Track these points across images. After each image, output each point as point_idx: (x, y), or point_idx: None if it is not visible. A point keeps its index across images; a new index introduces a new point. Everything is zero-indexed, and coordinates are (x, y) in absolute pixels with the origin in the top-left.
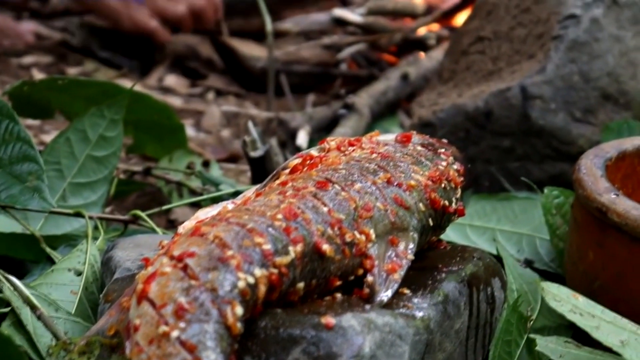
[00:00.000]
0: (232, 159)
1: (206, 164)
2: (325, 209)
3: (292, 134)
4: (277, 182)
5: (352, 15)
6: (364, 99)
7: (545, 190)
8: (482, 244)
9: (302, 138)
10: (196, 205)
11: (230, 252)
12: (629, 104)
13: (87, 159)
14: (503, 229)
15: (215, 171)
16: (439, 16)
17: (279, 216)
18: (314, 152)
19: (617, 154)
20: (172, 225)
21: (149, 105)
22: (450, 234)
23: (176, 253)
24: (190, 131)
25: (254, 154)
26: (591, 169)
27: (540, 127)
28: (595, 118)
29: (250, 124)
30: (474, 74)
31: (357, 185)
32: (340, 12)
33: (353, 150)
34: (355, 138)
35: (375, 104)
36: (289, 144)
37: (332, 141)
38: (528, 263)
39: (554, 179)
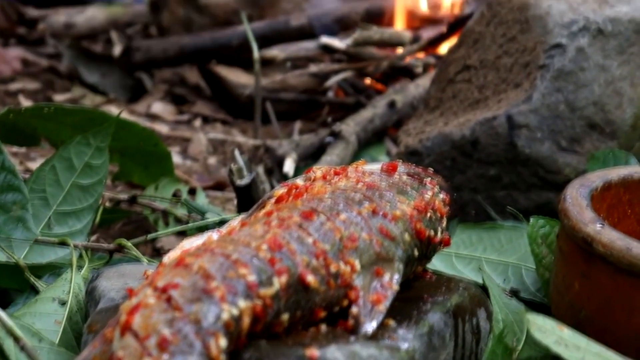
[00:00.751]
0: (219, 186)
1: (192, 191)
2: (310, 240)
3: (279, 162)
4: (263, 211)
5: (339, 42)
6: (350, 127)
7: (531, 220)
8: (468, 273)
9: (288, 166)
10: (182, 234)
11: (214, 284)
12: (615, 133)
13: (72, 187)
14: (489, 258)
15: (201, 199)
16: (425, 44)
17: (264, 247)
18: (299, 181)
19: (602, 183)
20: (157, 253)
21: (135, 132)
22: (437, 263)
23: (160, 284)
24: (176, 158)
25: (240, 182)
26: (577, 199)
27: (527, 155)
28: (581, 147)
29: (236, 153)
30: (461, 102)
31: (343, 216)
32: (327, 39)
33: (339, 179)
34: (340, 167)
35: (362, 132)
36: (275, 171)
37: (317, 170)
38: (514, 292)
39: (540, 208)
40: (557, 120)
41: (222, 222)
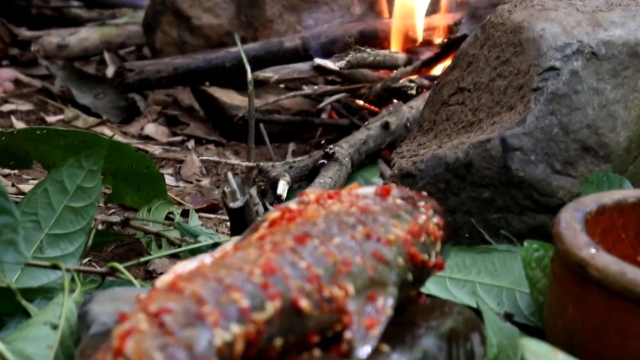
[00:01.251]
0: (212, 208)
1: (185, 213)
2: (303, 264)
3: (273, 183)
4: (256, 235)
5: (332, 64)
6: (344, 149)
7: (525, 244)
8: (462, 296)
9: (282, 188)
10: (175, 257)
11: (207, 308)
12: (609, 156)
13: (64, 210)
14: (483, 282)
15: (194, 221)
16: (419, 66)
17: (257, 271)
18: (292, 205)
19: (596, 208)
20: (150, 275)
21: (128, 154)
22: (430, 287)
23: (153, 309)
24: (169, 180)
25: (233, 205)
26: (570, 223)
27: (520, 178)
28: (575, 170)
29: (229, 175)
30: (454, 124)
31: (336, 240)
32: (320, 60)
33: (332, 203)
34: (334, 191)
35: (356, 154)
36: (269, 193)
37: (311, 194)
38: (508, 316)
39: (535, 231)
40: (551, 143)
41: (215, 245)
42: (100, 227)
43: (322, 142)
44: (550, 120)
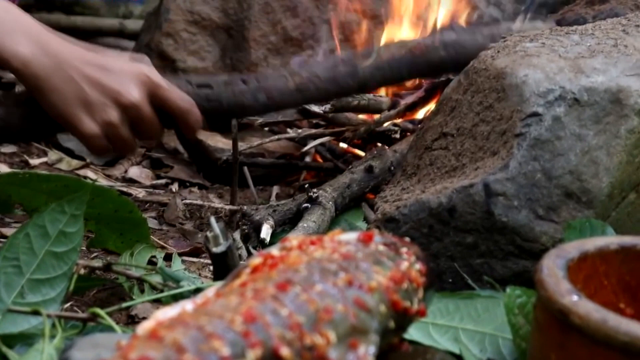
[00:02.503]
0: (195, 252)
1: (168, 257)
2: (285, 312)
3: (256, 227)
4: (238, 282)
5: (317, 107)
6: (328, 192)
7: (508, 290)
8: (445, 342)
9: (265, 232)
10: (158, 301)
11: (187, 357)
12: (592, 202)
13: (46, 254)
14: (466, 328)
15: (177, 265)
16: (402, 110)
17: (238, 319)
18: (275, 251)
19: (579, 254)
20: (133, 320)
21: (111, 199)
22: (413, 333)
23: (133, 357)
24: (153, 223)
25: (216, 249)
26: (553, 270)
27: (504, 224)
28: (558, 216)
29: (212, 220)
30: (438, 169)
31: (318, 287)
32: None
33: (314, 249)
34: (316, 237)
35: (340, 197)
36: (252, 237)
37: (293, 240)
38: None
39: (518, 276)
40: (533, 188)
41: (197, 291)
42: (82, 271)
43: (306, 186)
44: (533, 166)
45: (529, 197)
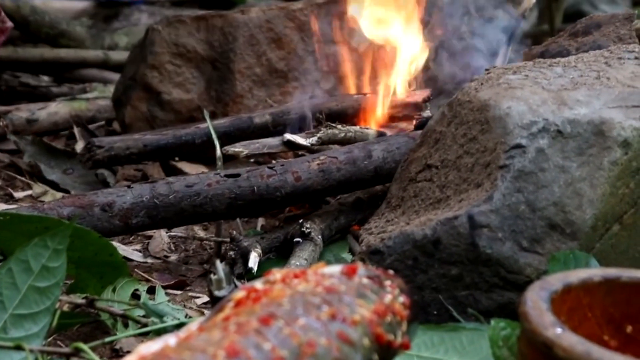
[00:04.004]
0: (180, 284)
1: (152, 290)
2: (268, 346)
3: (244, 254)
4: (221, 316)
5: (302, 139)
6: (316, 224)
7: (492, 322)
8: None
9: (253, 260)
10: (141, 336)
11: None
12: (576, 234)
13: (29, 289)
14: None
15: (161, 297)
16: None
17: (221, 353)
18: (258, 285)
19: (562, 287)
20: (117, 354)
21: (91, 241)
22: None
23: None
24: (137, 256)
25: (219, 293)
26: (537, 303)
27: (488, 255)
28: (542, 248)
29: (217, 263)
30: (422, 201)
31: (301, 321)
32: (290, 136)
33: (298, 283)
34: (300, 270)
35: (327, 229)
36: (239, 263)
37: (277, 273)
38: None
39: (502, 308)
40: (518, 220)
41: (180, 325)
42: (65, 308)
43: (300, 221)
44: (517, 198)
45: (513, 229)
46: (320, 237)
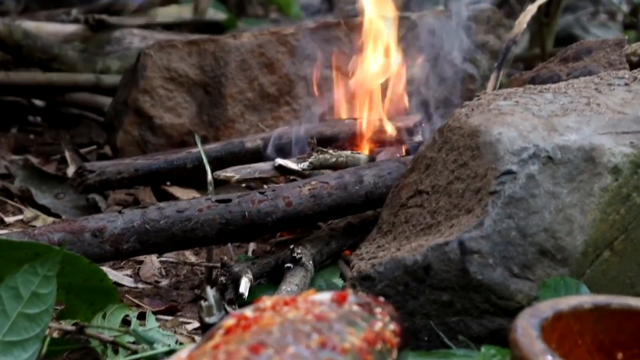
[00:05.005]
0: (171, 310)
1: (143, 315)
2: None
3: (235, 279)
4: (211, 344)
5: (294, 164)
6: (307, 249)
7: (483, 349)
8: None
9: (244, 286)
10: None
11: None
12: (566, 260)
13: (19, 316)
14: None
15: (151, 323)
16: None
17: None
18: (248, 312)
19: (553, 314)
20: None
21: (82, 267)
22: None
23: None
24: (128, 281)
25: (209, 319)
26: (527, 330)
27: (479, 281)
28: (533, 274)
29: (208, 290)
30: (413, 227)
31: (291, 349)
32: (282, 160)
33: (288, 310)
34: (290, 297)
35: (318, 254)
36: (230, 288)
37: (267, 300)
38: None
39: (494, 334)
40: (508, 246)
41: (171, 352)
42: (55, 335)
43: (292, 246)
44: (508, 224)
45: (504, 255)
46: (311, 262)
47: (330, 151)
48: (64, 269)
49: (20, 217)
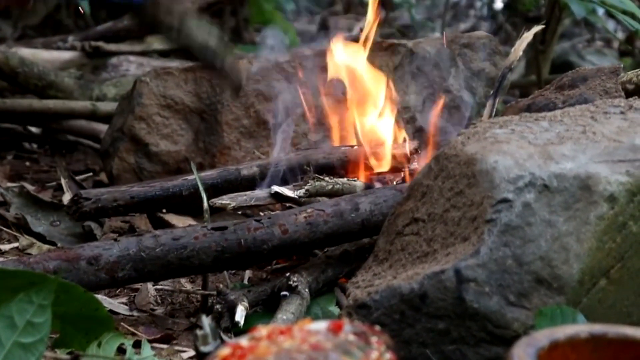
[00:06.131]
0: (166, 338)
1: (138, 343)
2: None
3: (230, 307)
4: None
5: (290, 192)
6: (303, 277)
7: None
8: None
9: (239, 314)
10: None
11: None
12: (562, 288)
13: (13, 346)
14: None
15: (146, 352)
16: None
17: None
18: (244, 342)
19: (549, 343)
20: None
21: (77, 296)
22: None
23: None
24: (123, 309)
25: (204, 348)
26: (523, 359)
27: (475, 310)
28: (529, 302)
29: (203, 318)
30: (409, 255)
31: None
32: (278, 188)
33: (284, 340)
34: (286, 326)
35: (314, 282)
36: (225, 316)
37: (263, 330)
38: None
39: None
40: (504, 274)
41: None
42: None
43: (287, 274)
44: (504, 252)
45: (500, 283)
46: (307, 290)
47: (327, 178)
48: (59, 298)
49: (15, 244)
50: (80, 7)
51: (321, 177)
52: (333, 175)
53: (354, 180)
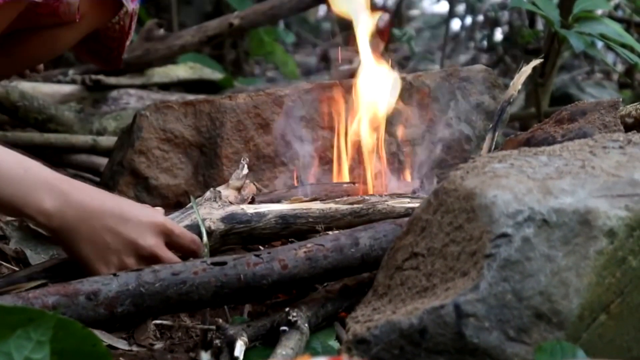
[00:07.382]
0: None
1: None
2: None
3: (229, 342)
4: None
5: None
6: (303, 311)
7: None
8: None
9: (239, 350)
10: None
11: None
12: (562, 323)
13: None
14: None
15: None
16: None
17: None
18: None
19: None
20: None
21: (74, 332)
22: None
23: None
24: (122, 344)
25: None
26: None
27: (475, 345)
28: (529, 337)
29: (202, 354)
30: (409, 289)
31: None
32: None
33: None
34: None
35: (314, 317)
36: (224, 352)
37: None
38: None
39: None
40: (504, 309)
41: None
42: None
43: (287, 309)
44: (504, 287)
45: (499, 318)
46: (306, 325)
47: None
48: (57, 334)
49: (14, 277)
50: None
51: None
52: None
53: None
